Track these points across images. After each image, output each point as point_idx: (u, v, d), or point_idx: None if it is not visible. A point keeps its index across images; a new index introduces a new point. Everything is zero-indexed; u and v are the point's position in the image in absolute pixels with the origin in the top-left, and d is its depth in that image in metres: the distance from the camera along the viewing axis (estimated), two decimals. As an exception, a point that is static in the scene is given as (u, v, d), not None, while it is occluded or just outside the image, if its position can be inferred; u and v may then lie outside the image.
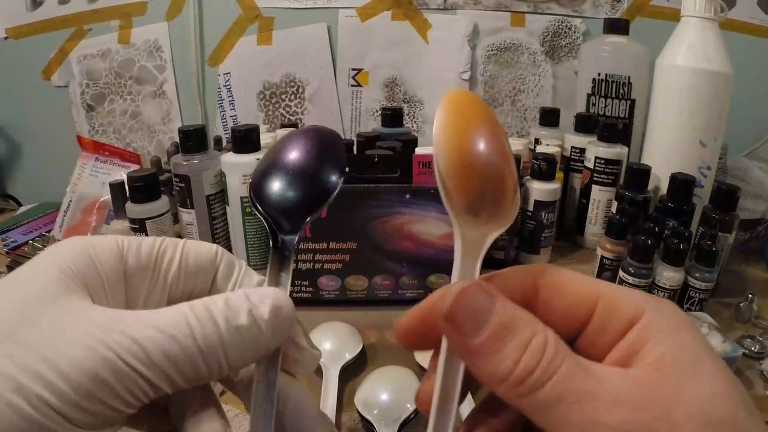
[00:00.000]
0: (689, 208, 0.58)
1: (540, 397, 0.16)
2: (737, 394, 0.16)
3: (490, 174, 0.19)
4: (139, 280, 0.21)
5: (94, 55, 0.94)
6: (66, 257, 0.19)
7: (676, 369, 0.17)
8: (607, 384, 0.16)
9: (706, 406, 0.16)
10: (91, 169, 0.75)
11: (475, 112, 0.20)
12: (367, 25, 0.91)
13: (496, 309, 0.17)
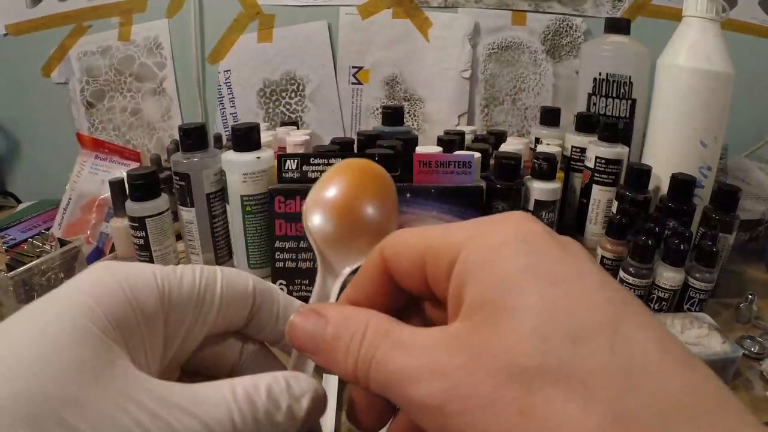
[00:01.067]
0: (690, 208, 0.58)
1: (375, 388, 0.16)
2: (558, 321, 0.13)
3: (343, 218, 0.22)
4: (181, 316, 0.19)
5: (93, 52, 0.94)
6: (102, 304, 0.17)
7: (485, 312, 0.14)
8: (417, 355, 0.15)
9: (509, 353, 0.13)
10: (91, 166, 0.75)
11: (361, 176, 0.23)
12: (367, 23, 0.91)
13: (324, 324, 0.18)
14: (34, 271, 0.52)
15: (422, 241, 0.18)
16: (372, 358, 0.16)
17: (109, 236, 0.69)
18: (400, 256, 0.18)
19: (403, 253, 0.18)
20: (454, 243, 0.16)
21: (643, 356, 0.13)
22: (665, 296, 0.52)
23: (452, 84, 0.94)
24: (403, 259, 0.18)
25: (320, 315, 0.18)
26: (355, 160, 0.24)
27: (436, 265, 0.17)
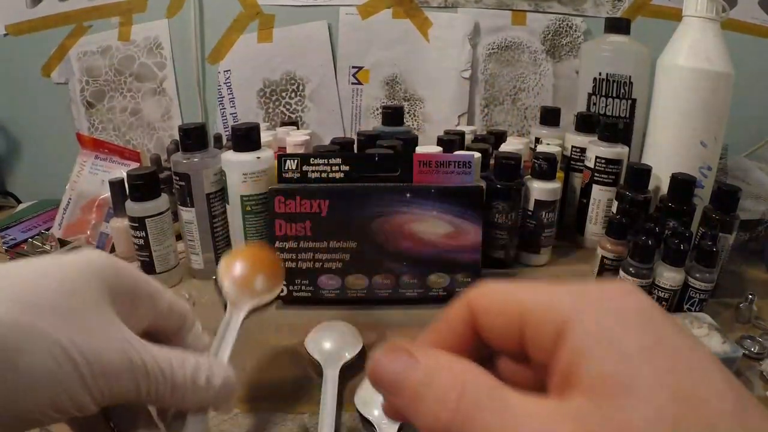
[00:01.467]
0: (690, 208, 0.58)
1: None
2: (688, 412, 0.13)
3: None
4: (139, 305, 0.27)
5: (94, 52, 0.94)
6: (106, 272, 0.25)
7: (607, 391, 0.14)
8: (529, 421, 0.15)
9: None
10: (91, 166, 0.75)
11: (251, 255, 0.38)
12: (367, 23, 0.91)
13: (414, 366, 0.17)
14: (34, 271, 0.52)
15: (520, 302, 0.17)
16: (473, 418, 0.15)
17: (109, 236, 0.69)
18: (492, 313, 0.18)
19: (497, 310, 0.18)
20: (562, 311, 0.16)
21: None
22: (665, 296, 0.52)
23: (452, 84, 0.94)
24: (497, 316, 0.18)
25: (411, 355, 0.17)
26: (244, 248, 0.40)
27: (540, 331, 0.16)
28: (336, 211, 0.54)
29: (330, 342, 0.47)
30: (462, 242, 0.55)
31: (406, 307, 0.57)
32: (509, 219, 0.63)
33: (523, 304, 0.17)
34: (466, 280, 0.56)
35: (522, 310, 0.17)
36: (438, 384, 0.16)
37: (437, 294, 0.57)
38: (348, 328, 0.49)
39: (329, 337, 0.48)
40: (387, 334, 0.52)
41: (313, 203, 0.54)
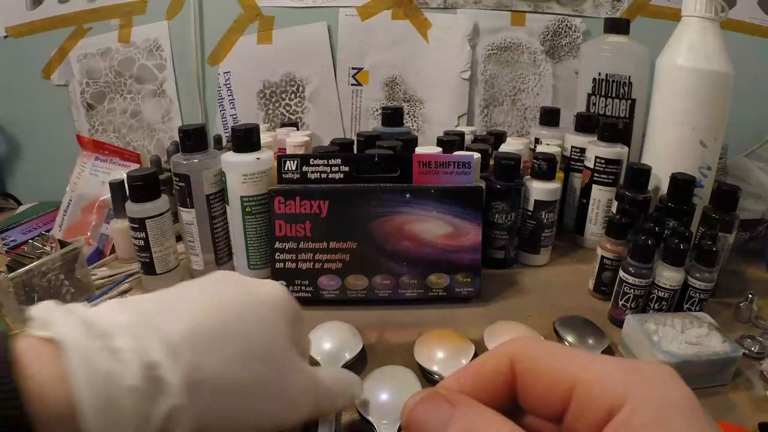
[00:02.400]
0: (689, 208, 0.58)
1: None
2: None
3: None
4: None
5: (94, 53, 0.94)
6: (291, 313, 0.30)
7: None
8: None
9: None
10: (91, 168, 0.75)
11: None
12: (367, 24, 0.91)
13: (455, 418, 0.17)
14: (34, 272, 0.52)
15: (572, 375, 0.17)
16: None
17: (110, 237, 0.69)
18: (538, 378, 0.18)
19: (547, 376, 0.18)
20: (616, 390, 0.16)
21: None
22: (665, 296, 0.52)
23: (452, 85, 0.94)
24: (543, 383, 0.18)
25: (449, 403, 0.17)
26: None
27: (589, 405, 0.16)
28: (336, 212, 0.54)
29: (330, 342, 0.47)
30: (462, 242, 0.55)
31: (406, 307, 0.57)
32: (509, 219, 0.63)
33: (577, 374, 0.17)
34: (466, 280, 0.56)
35: (573, 382, 0.17)
36: None
37: (437, 294, 0.57)
38: (348, 328, 0.49)
39: (329, 337, 0.48)
40: (387, 334, 0.52)
41: (313, 204, 0.54)
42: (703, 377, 0.44)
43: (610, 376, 0.16)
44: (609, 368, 0.17)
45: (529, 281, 0.63)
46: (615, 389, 0.16)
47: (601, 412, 0.16)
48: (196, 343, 0.23)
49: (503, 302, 0.58)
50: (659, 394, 0.16)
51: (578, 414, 0.17)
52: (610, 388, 0.16)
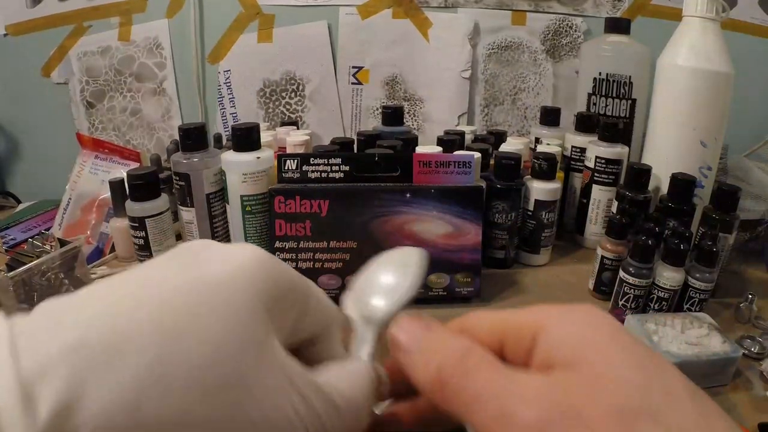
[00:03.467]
0: (690, 208, 0.58)
1: (463, 399, 0.18)
2: (651, 379, 0.17)
3: None
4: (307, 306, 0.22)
5: (93, 52, 0.94)
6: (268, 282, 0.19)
7: (582, 366, 0.17)
8: (524, 384, 0.18)
9: (612, 395, 0.16)
10: (91, 166, 0.75)
11: None
12: (367, 23, 0.91)
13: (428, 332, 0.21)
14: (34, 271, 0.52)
15: (501, 321, 0.21)
16: (475, 372, 0.18)
17: (109, 236, 0.69)
18: (479, 329, 0.22)
19: (482, 326, 0.22)
20: (536, 321, 0.20)
21: (716, 415, 0.17)
22: (665, 296, 0.52)
23: (452, 84, 0.94)
24: (483, 331, 0.21)
25: (427, 324, 0.21)
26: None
27: (519, 338, 0.20)
28: (336, 211, 0.54)
29: None
30: (462, 242, 0.55)
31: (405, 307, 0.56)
32: (509, 219, 0.63)
33: (504, 322, 0.21)
34: (466, 280, 0.56)
35: (503, 326, 0.21)
36: (447, 345, 0.20)
37: (437, 294, 0.57)
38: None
39: None
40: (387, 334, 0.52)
41: (313, 203, 0.54)
42: (703, 377, 0.44)
43: (531, 314, 0.20)
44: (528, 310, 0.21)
45: (530, 281, 0.63)
46: (534, 320, 0.20)
47: (527, 340, 0.20)
48: (81, 358, 0.15)
49: (503, 302, 0.59)
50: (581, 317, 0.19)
51: (513, 350, 0.20)
52: (530, 321, 0.20)
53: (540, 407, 0.17)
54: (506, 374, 0.18)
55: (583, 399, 0.16)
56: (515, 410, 0.17)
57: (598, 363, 0.17)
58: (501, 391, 0.18)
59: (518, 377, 0.18)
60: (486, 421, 0.17)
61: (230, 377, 0.17)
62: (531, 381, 0.18)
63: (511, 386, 0.18)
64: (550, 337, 0.19)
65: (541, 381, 0.18)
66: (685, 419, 0.16)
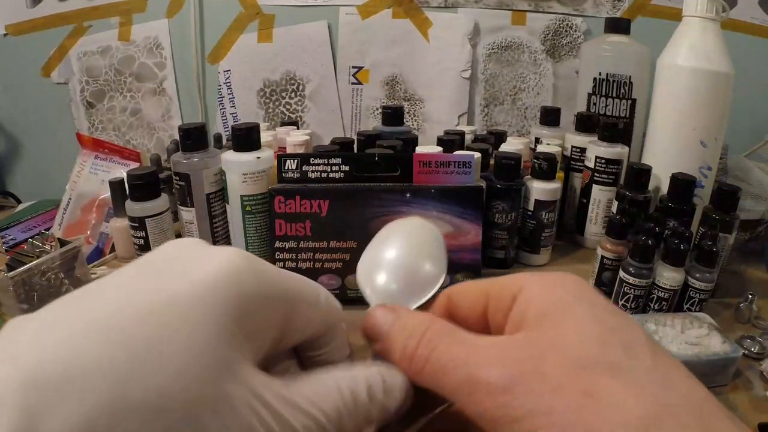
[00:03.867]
0: (690, 208, 0.58)
1: (429, 370, 0.19)
2: (612, 335, 0.17)
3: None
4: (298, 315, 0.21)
5: (93, 52, 0.94)
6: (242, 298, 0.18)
7: (546, 325, 0.18)
8: (485, 348, 0.18)
9: (573, 351, 0.17)
10: (91, 166, 0.75)
11: None
12: (367, 23, 0.91)
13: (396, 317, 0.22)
14: (34, 271, 0.52)
15: (486, 285, 0.22)
16: (434, 349, 0.19)
17: (109, 236, 0.69)
18: (465, 295, 0.23)
19: (469, 292, 0.23)
20: (515, 283, 0.21)
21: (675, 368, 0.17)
22: (665, 296, 0.52)
23: (452, 84, 0.94)
24: (468, 299, 0.23)
25: (393, 310, 0.22)
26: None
27: (499, 299, 0.21)
28: (336, 211, 0.54)
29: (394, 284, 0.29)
30: (462, 242, 0.55)
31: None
32: (509, 219, 0.63)
33: (490, 284, 0.22)
34: (467, 280, 0.56)
35: (487, 289, 0.22)
36: (410, 324, 0.21)
37: (437, 294, 0.57)
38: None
39: None
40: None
41: (313, 203, 0.54)
42: (703, 378, 0.44)
43: (512, 277, 0.21)
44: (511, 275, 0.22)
45: (529, 281, 0.63)
46: (515, 283, 0.21)
47: (508, 297, 0.20)
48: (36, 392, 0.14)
49: (503, 302, 0.58)
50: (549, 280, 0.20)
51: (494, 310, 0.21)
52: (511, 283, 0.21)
53: (502, 367, 0.17)
54: (467, 340, 0.19)
55: (544, 355, 0.17)
56: (479, 373, 0.17)
57: (561, 320, 0.18)
58: (464, 357, 0.18)
59: (480, 341, 0.19)
60: (454, 388, 0.18)
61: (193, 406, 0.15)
62: (493, 343, 0.18)
63: (473, 351, 0.18)
64: (523, 297, 0.20)
65: (505, 342, 0.18)
66: (642, 373, 0.16)
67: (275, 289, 0.19)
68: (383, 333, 0.21)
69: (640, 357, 0.17)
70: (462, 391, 0.18)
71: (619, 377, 0.16)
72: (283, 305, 0.20)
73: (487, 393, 0.17)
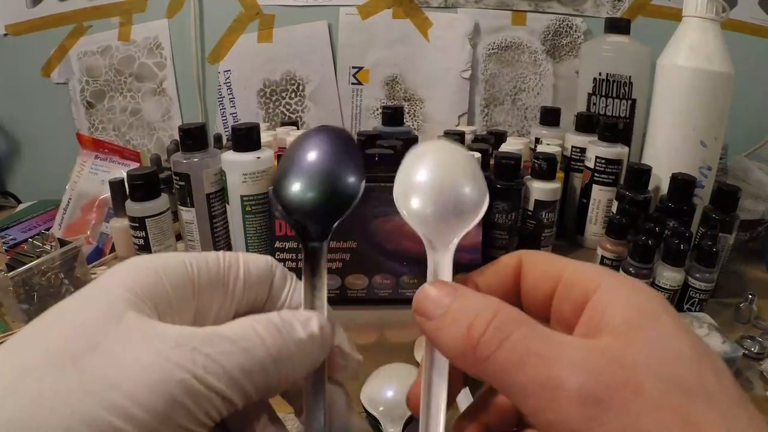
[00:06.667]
0: (690, 208, 0.58)
1: (499, 360, 0.17)
2: (704, 357, 0.16)
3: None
4: (209, 297, 0.20)
5: (93, 52, 0.94)
6: (132, 276, 0.18)
7: (637, 335, 0.17)
8: (569, 348, 0.16)
9: (671, 369, 0.16)
10: (91, 166, 0.75)
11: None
12: (367, 23, 0.91)
13: (456, 296, 0.19)
14: (34, 271, 0.52)
15: (561, 267, 0.21)
16: (507, 337, 0.17)
17: (109, 236, 0.69)
18: (537, 268, 0.21)
19: (541, 266, 0.21)
20: (592, 278, 0.19)
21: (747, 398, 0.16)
22: (665, 296, 0.52)
23: (452, 84, 0.94)
24: (539, 271, 0.21)
25: (454, 288, 0.20)
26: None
27: (571, 289, 0.20)
28: (336, 211, 0.54)
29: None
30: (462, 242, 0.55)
31: (406, 307, 0.56)
32: (509, 219, 0.63)
33: (565, 266, 0.21)
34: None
35: (562, 271, 0.20)
36: (475, 305, 0.18)
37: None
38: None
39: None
40: (387, 334, 0.52)
41: (313, 203, 0.54)
42: (703, 377, 0.44)
43: (589, 269, 0.20)
44: (588, 266, 0.20)
45: (529, 281, 0.63)
46: (592, 277, 0.19)
47: (582, 290, 0.19)
48: None
49: (503, 302, 0.58)
50: (628, 280, 0.19)
51: (563, 296, 0.20)
52: (587, 276, 0.19)
53: (593, 374, 0.15)
54: (548, 335, 0.17)
55: (637, 368, 0.16)
56: (562, 375, 0.15)
57: (652, 333, 0.17)
58: (545, 353, 0.16)
59: (563, 339, 0.17)
60: (528, 386, 0.16)
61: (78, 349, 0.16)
62: (577, 345, 0.17)
63: (556, 348, 0.16)
64: (602, 298, 0.18)
65: (589, 345, 0.17)
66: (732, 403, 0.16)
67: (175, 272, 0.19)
68: (438, 312, 0.19)
69: (727, 384, 0.16)
70: (537, 393, 0.16)
71: (715, 406, 0.15)
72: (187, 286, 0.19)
73: (571, 400, 0.15)
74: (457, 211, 0.22)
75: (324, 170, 0.22)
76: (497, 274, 0.22)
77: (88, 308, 0.17)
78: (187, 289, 0.19)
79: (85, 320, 0.16)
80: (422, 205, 0.22)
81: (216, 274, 0.20)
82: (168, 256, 0.20)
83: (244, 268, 0.21)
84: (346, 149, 0.23)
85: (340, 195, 0.22)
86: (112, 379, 0.15)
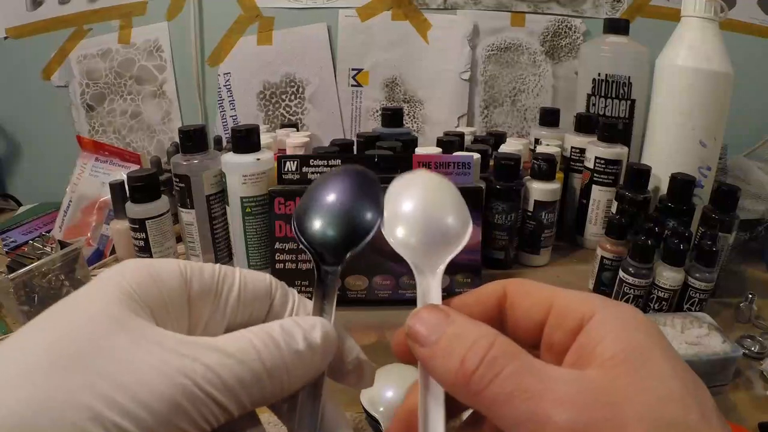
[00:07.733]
0: (689, 208, 0.58)
1: (490, 394, 0.17)
2: (690, 396, 0.16)
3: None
4: (202, 305, 0.20)
5: (94, 54, 0.94)
6: (128, 278, 0.19)
7: (626, 370, 0.17)
8: (557, 383, 0.17)
9: (656, 407, 0.16)
10: (91, 168, 0.75)
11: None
12: (367, 25, 0.91)
13: (449, 322, 0.19)
14: (34, 273, 0.52)
15: (554, 293, 0.21)
16: (499, 373, 0.17)
17: (110, 238, 0.70)
18: (525, 297, 0.21)
19: (530, 295, 0.21)
20: (586, 306, 0.19)
21: None
22: (665, 296, 0.52)
23: (452, 85, 0.94)
24: (528, 301, 0.21)
25: (447, 314, 0.20)
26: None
27: (564, 317, 0.20)
28: (336, 212, 0.54)
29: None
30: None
31: (406, 307, 0.56)
32: (509, 220, 0.63)
33: (556, 295, 0.20)
34: (466, 281, 0.56)
35: (553, 299, 0.20)
36: (468, 337, 0.18)
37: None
38: None
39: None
40: (387, 334, 0.52)
41: (313, 204, 0.54)
42: (703, 377, 0.44)
43: (585, 296, 0.20)
44: (581, 294, 0.20)
45: (529, 281, 0.63)
46: (586, 306, 0.19)
47: (575, 320, 0.19)
48: None
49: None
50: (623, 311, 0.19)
51: (555, 325, 0.20)
52: (582, 305, 0.19)
53: (577, 409, 0.16)
54: (538, 370, 0.17)
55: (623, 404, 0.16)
56: (548, 412, 0.16)
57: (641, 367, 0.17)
58: (533, 389, 0.17)
59: (551, 374, 0.17)
60: (515, 421, 0.16)
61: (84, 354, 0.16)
62: (565, 378, 0.17)
63: (543, 385, 0.17)
64: (595, 328, 0.18)
65: (577, 378, 0.17)
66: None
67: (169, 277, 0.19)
68: (431, 339, 0.19)
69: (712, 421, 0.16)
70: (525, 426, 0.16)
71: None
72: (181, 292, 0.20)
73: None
74: (441, 240, 0.23)
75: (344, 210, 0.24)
76: (479, 303, 0.22)
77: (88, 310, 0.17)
78: (181, 295, 0.20)
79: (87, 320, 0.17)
80: (407, 235, 0.23)
81: (210, 282, 0.21)
82: (164, 262, 0.20)
83: (240, 281, 0.21)
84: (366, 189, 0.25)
85: (357, 230, 0.24)
86: (118, 380, 0.16)
